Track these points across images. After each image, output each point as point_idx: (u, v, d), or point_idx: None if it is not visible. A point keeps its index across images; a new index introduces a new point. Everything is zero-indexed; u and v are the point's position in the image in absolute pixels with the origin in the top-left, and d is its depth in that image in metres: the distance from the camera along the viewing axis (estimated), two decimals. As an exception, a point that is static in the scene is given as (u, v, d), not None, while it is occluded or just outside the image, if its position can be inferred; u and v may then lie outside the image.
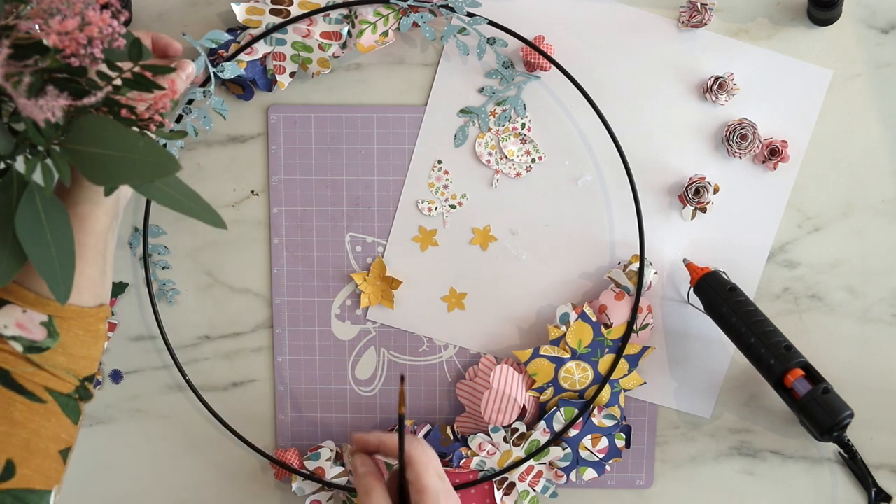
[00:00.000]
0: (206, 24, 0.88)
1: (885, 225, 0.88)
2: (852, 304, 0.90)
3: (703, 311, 0.87)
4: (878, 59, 0.86)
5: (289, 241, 0.91)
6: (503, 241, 0.90)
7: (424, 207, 0.90)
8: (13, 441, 0.66)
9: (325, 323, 0.92)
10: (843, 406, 0.81)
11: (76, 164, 0.58)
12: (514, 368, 0.89)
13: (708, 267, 0.87)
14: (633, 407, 0.92)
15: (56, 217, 0.60)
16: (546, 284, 0.91)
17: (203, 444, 0.95)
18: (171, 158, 0.57)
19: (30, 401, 0.67)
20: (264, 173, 0.91)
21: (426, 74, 0.89)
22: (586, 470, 0.90)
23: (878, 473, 0.91)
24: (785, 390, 0.83)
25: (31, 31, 0.56)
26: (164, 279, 0.92)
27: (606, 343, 0.88)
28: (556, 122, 0.89)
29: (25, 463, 0.66)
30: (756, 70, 0.87)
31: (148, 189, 0.62)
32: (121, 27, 0.57)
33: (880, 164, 0.88)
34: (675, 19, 0.87)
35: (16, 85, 0.54)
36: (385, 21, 0.86)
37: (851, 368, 0.90)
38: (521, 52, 0.86)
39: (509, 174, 0.89)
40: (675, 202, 0.89)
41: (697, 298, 0.87)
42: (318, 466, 0.91)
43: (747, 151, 0.87)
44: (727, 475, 0.93)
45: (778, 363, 0.82)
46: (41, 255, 0.59)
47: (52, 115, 0.54)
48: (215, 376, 0.94)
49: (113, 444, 0.94)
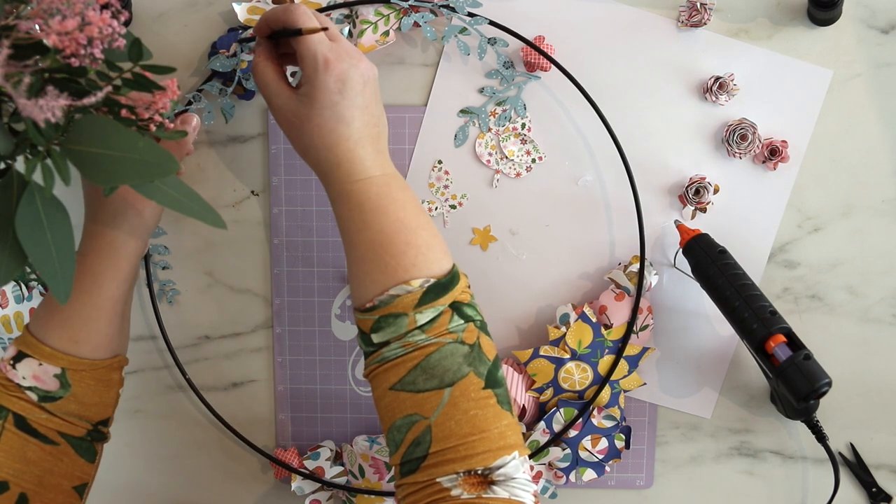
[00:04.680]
0: (206, 24, 0.88)
1: (885, 225, 0.88)
2: (852, 304, 0.90)
3: (690, 274, 0.86)
4: (878, 59, 0.86)
5: (289, 241, 0.91)
6: (503, 241, 0.90)
7: (424, 207, 0.90)
8: (26, 477, 0.70)
9: (325, 323, 0.92)
10: (822, 373, 0.79)
11: (76, 164, 0.58)
12: (513, 368, 0.89)
13: (698, 229, 0.86)
14: (633, 407, 0.92)
15: (56, 217, 0.60)
16: (546, 285, 0.91)
17: (203, 444, 0.95)
18: (171, 158, 0.57)
19: (43, 443, 0.71)
20: (264, 173, 0.91)
21: (426, 74, 0.89)
22: (586, 471, 0.90)
23: (878, 473, 0.91)
24: (765, 356, 0.81)
25: (31, 31, 0.56)
26: (164, 279, 0.92)
27: (606, 344, 0.88)
28: (556, 122, 0.89)
29: (38, 497, 0.70)
30: (756, 70, 0.87)
31: (148, 189, 0.62)
32: (121, 27, 0.57)
33: (880, 164, 0.88)
34: (674, 19, 0.87)
35: (16, 85, 0.54)
36: (386, 21, 0.86)
37: (851, 368, 0.90)
38: (522, 52, 0.86)
39: (509, 174, 0.89)
40: (675, 202, 0.89)
41: (685, 261, 0.86)
42: (317, 466, 0.91)
43: (747, 151, 0.87)
44: (727, 475, 0.93)
45: (761, 327, 0.81)
46: (41, 255, 0.59)
47: (52, 115, 0.54)
48: (215, 376, 0.94)
49: (113, 444, 0.94)
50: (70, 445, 0.72)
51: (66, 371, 0.71)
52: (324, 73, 0.69)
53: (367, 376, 0.69)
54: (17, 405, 0.71)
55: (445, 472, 0.63)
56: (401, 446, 0.65)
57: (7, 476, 0.69)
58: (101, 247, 0.74)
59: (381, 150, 0.71)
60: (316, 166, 0.72)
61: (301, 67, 0.71)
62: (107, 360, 0.74)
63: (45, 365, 0.71)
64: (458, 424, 0.64)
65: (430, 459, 0.64)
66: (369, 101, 0.70)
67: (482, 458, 0.63)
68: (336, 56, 0.69)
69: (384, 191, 0.69)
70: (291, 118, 0.71)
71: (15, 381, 0.71)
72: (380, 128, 0.72)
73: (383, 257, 0.67)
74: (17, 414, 0.71)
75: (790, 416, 0.87)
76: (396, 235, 0.68)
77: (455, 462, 0.63)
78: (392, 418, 0.66)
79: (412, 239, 0.68)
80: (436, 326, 0.66)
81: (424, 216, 0.70)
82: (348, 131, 0.70)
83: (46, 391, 0.71)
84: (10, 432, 0.70)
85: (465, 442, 0.64)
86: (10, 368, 0.72)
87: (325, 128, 0.69)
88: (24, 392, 0.71)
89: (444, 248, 0.70)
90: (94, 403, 0.73)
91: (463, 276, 0.70)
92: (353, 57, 0.70)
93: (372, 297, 0.67)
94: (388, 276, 0.67)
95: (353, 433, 0.93)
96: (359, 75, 0.69)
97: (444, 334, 0.66)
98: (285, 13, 0.71)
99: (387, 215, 0.68)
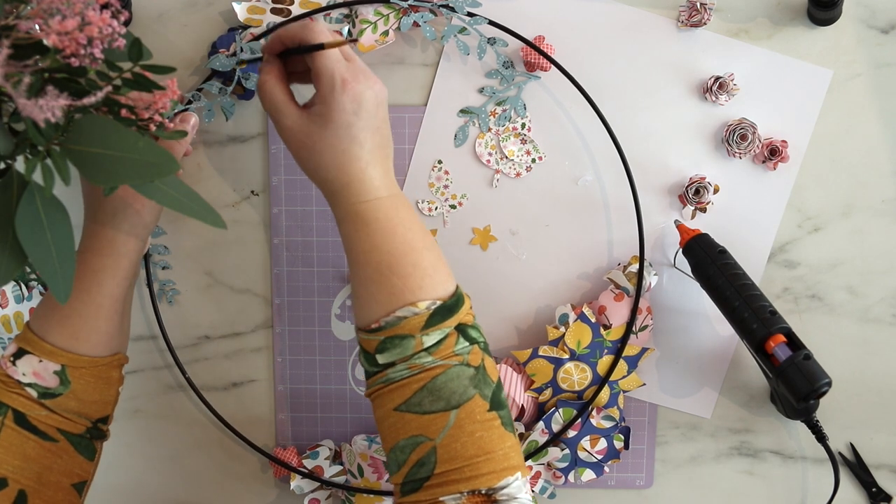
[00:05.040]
0: (206, 23, 0.88)
1: (885, 225, 0.88)
2: (852, 304, 0.90)
3: (690, 274, 0.86)
4: (878, 59, 0.86)
5: (289, 241, 0.91)
6: (503, 241, 0.90)
7: (424, 207, 0.90)
8: (25, 474, 0.70)
9: (325, 323, 0.92)
10: (822, 373, 0.80)
11: (76, 164, 0.58)
12: (512, 368, 0.89)
13: (698, 229, 0.86)
14: (632, 407, 0.92)
15: (56, 217, 0.60)
16: (545, 285, 0.91)
17: (203, 444, 0.95)
18: (170, 158, 0.57)
19: (42, 440, 0.71)
20: (264, 173, 0.91)
21: (426, 74, 0.89)
22: (584, 471, 0.90)
23: (878, 473, 0.91)
24: (765, 356, 0.81)
25: (31, 31, 0.56)
26: (164, 279, 0.92)
27: (605, 344, 0.88)
28: (556, 122, 0.89)
29: (37, 494, 0.71)
30: (756, 70, 0.87)
31: (148, 189, 0.62)
32: (121, 27, 0.57)
33: (880, 164, 0.88)
34: (674, 19, 0.87)
35: (16, 85, 0.54)
36: (385, 21, 0.86)
37: (851, 368, 0.90)
38: (521, 52, 0.86)
39: (509, 174, 0.89)
40: (675, 202, 0.89)
41: (685, 261, 0.86)
42: (316, 465, 0.91)
43: (747, 151, 0.87)
44: (727, 475, 0.93)
45: (761, 326, 0.81)
46: (41, 255, 0.59)
47: (52, 115, 0.54)
48: (215, 376, 0.94)
49: (113, 444, 0.94)
50: (69, 443, 0.73)
51: (65, 368, 0.72)
52: (341, 93, 0.69)
53: (370, 395, 0.69)
54: (17, 401, 0.71)
55: (449, 491, 0.63)
56: (403, 466, 0.66)
57: (6, 473, 0.70)
58: (101, 245, 0.74)
59: (388, 170, 0.72)
60: (324, 185, 0.71)
61: (316, 86, 0.70)
62: (106, 358, 0.74)
63: (45, 362, 0.71)
64: (463, 446, 0.64)
65: (434, 480, 0.64)
66: (381, 122, 0.71)
67: (487, 478, 0.63)
68: (353, 76, 0.69)
69: (392, 212, 0.70)
70: (303, 138, 0.71)
71: (15, 377, 0.71)
72: (388, 149, 0.72)
73: (390, 279, 0.67)
74: (17, 410, 0.71)
75: (790, 416, 0.87)
76: (403, 257, 0.68)
77: (459, 483, 0.63)
78: (396, 438, 0.66)
79: (419, 261, 0.68)
80: (442, 349, 0.66)
81: (429, 237, 0.71)
82: (361, 152, 0.70)
83: (46, 388, 0.71)
84: (9, 429, 0.70)
85: (470, 463, 0.64)
86: (10, 365, 0.72)
87: (339, 147, 0.69)
88: (24, 389, 0.71)
89: (447, 270, 0.70)
90: (93, 401, 0.74)
91: (467, 298, 0.70)
92: (368, 78, 0.70)
93: (378, 318, 0.67)
94: (394, 298, 0.67)
95: (352, 433, 0.93)
96: (373, 96, 0.70)
97: (450, 356, 0.66)
98: (304, 30, 0.71)
99: (394, 236, 0.69)
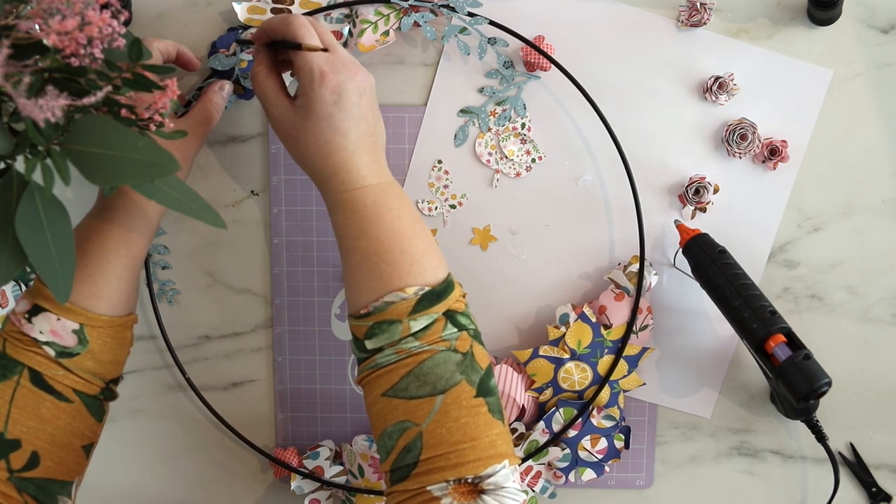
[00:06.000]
0: (206, 23, 0.88)
1: (885, 225, 0.88)
2: (852, 304, 0.90)
3: (690, 274, 0.86)
4: (878, 59, 0.86)
5: (289, 241, 0.91)
6: (503, 241, 0.90)
7: (424, 207, 0.90)
8: (39, 435, 0.69)
9: (325, 323, 0.92)
10: (822, 373, 0.80)
11: (76, 164, 0.58)
12: (513, 368, 0.89)
13: (698, 229, 0.86)
14: (632, 407, 0.92)
15: (56, 217, 0.60)
16: (546, 284, 0.91)
17: (203, 444, 0.95)
18: (170, 158, 0.57)
19: (58, 400, 0.70)
20: (264, 173, 0.91)
21: (426, 74, 0.89)
22: (585, 470, 0.90)
23: (878, 473, 0.91)
24: (765, 356, 0.81)
25: (31, 31, 0.56)
26: (164, 279, 0.92)
27: (606, 344, 0.88)
28: (556, 122, 0.89)
29: (49, 455, 0.69)
30: (756, 70, 0.87)
31: (148, 189, 0.62)
32: (121, 27, 0.58)
33: (880, 164, 0.88)
34: (674, 19, 0.87)
35: (16, 85, 0.54)
36: (386, 21, 0.86)
37: (851, 368, 0.90)
38: (522, 51, 0.86)
39: (509, 174, 0.89)
40: (675, 202, 0.89)
41: (685, 261, 0.86)
42: (316, 465, 0.91)
43: (747, 151, 0.87)
44: (727, 475, 0.93)
45: (761, 326, 0.81)
46: (41, 255, 0.59)
47: (52, 115, 0.54)
48: (215, 376, 0.94)
49: (113, 444, 0.94)
50: (83, 404, 0.71)
51: (84, 327, 0.70)
52: (320, 85, 0.70)
53: (360, 382, 0.69)
54: (34, 360, 0.69)
55: (436, 480, 0.63)
56: (391, 453, 0.66)
57: (20, 434, 0.68)
58: (127, 204, 0.73)
59: (377, 158, 0.72)
60: (313, 175, 0.73)
61: (297, 79, 0.72)
62: (122, 318, 0.73)
63: (64, 320, 0.69)
64: (448, 432, 0.64)
65: (420, 467, 0.64)
66: (365, 111, 0.71)
67: (472, 466, 0.63)
68: (332, 68, 0.70)
69: (380, 199, 0.70)
70: (288, 128, 0.72)
71: (31, 335, 0.69)
72: (376, 137, 0.72)
73: (378, 265, 0.68)
74: (33, 369, 0.69)
75: (790, 416, 0.87)
76: (391, 243, 0.69)
77: (445, 470, 0.63)
78: (384, 424, 0.66)
79: (407, 247, 0.69)
80: (429, 334, 0.67)
81: (420, 225, 0.71)
82: (344, 141, 0.70)
83: (64, 347, 0.70)
84: (24, 388, 0.68)
85: (455, 450, 0.64)
86: (25, 322, 0.69)
87: (322, 138, 0.70)
88: (41, 347, 0.69)
89: (439, 257, 0.70)
90: (109, 361, 0.73)
91: (458, 285, 0.70)
92: (349, 69, 0.71)
93: (366, 303, 0.68)
94: (382, 284, 0.67)
95: (352, 433, 0.93)
96: (354, 87, 0.70)
97: (437, 342, 0.66)
98: (285, 25, 0.72)
99: (382, 223, 0.69)
